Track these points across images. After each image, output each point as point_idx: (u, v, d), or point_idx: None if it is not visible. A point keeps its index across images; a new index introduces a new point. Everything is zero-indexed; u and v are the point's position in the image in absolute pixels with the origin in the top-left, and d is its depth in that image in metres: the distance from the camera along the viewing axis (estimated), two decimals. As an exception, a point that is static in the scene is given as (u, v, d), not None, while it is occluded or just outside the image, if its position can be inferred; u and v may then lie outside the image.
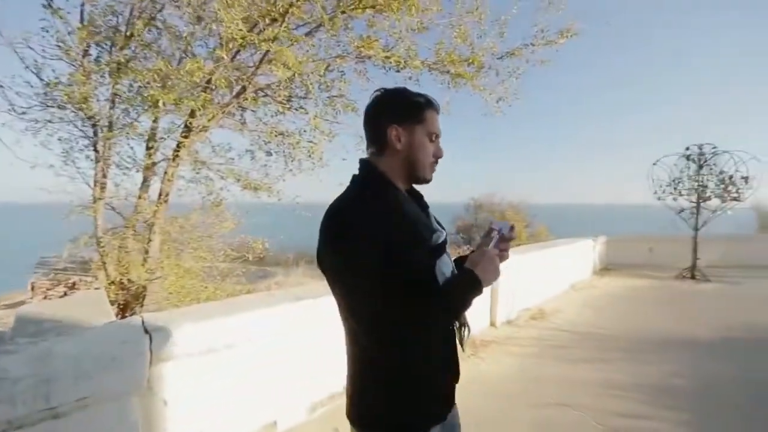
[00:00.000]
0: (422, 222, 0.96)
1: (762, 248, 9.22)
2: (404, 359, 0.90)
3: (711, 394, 2.86)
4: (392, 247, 0.83)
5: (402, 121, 0.95)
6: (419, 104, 0.96)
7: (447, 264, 0.97)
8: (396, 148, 0.95)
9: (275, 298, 2.41)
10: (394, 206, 0.91)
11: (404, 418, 0.90)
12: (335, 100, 3.94)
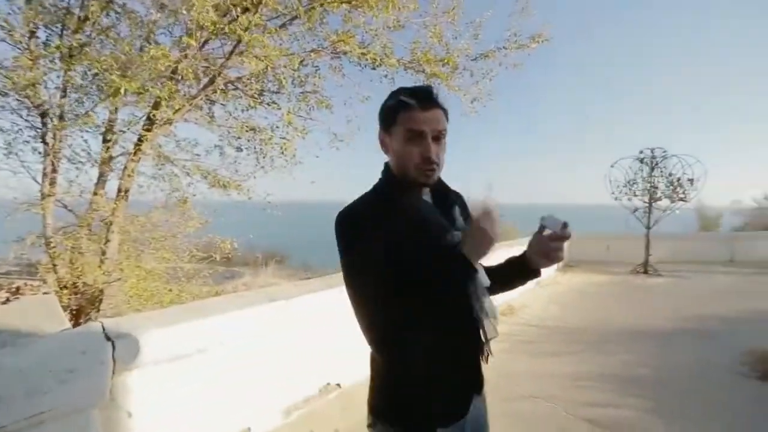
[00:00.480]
0: (435, 222, 0.95)
1: (703, 246, 10.01)
2: (405, 359, 0.91)
3: (670, 381, 3.06)
4: (393, 248, 0.85)
5: (385, 127, 0.96)
6: (392, 108, 0.93)
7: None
8: (388, 153, 0.97)
9: (248, 300, 2.31)
10: (400, 208, 0.92)
11: (407, 415, 0.93)
12: (309, 95, 3.84)
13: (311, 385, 2.65)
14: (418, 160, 0.90)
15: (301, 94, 3.85)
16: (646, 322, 4.62)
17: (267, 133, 3.78)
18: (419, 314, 0.85)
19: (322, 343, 2.71)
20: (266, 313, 2.29)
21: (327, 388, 2.74)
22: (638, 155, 8.39)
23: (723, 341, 3.85)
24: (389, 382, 0.95)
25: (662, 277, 7.45)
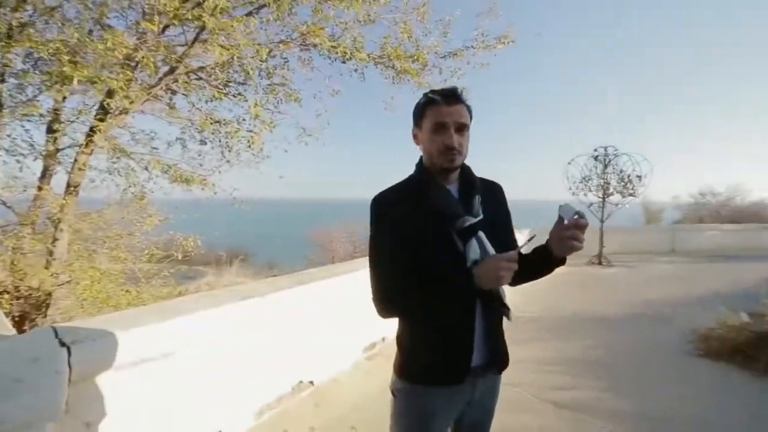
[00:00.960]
0: (448, 208, 1.04)
1: (649, 237, 10.84)
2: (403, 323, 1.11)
3: (624, 362, 3.30)
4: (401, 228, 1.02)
5: (416, 122, 1.11)
6: (420, 105, 1.08)
7: (475, 249, 1.02)
8: (420, 146, 1.13)
9: (217, 299, 2.21)
10: (413, 193, 1.07)
11: (402, 368, 1.10)
12: (277, 88, 3.71)
13: (284, 384, 2.60)
14: (441, 147, 1.03)
15: (269, 87, 3.71)
16: (601, 308, 4.94)
17: (233, 125, 3.62)
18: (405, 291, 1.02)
19: (294, 341, 2.66)
20: (236, 312, 2.21)
21: (300, 387, 2.70)
22: (593, 153, 8.92)
23: (668, 323, 4.20)
24: (398, 338, 1.13)
25: (614, 267, 7.98)
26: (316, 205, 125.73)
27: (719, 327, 3.52)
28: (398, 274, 1.02)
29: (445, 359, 1.06)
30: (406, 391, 1.09)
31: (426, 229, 1.02)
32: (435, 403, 1.07)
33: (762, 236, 10.90)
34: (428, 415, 1.08)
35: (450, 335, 1.05)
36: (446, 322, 1.05)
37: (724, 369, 3.07)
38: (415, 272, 1.01)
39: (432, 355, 1.06)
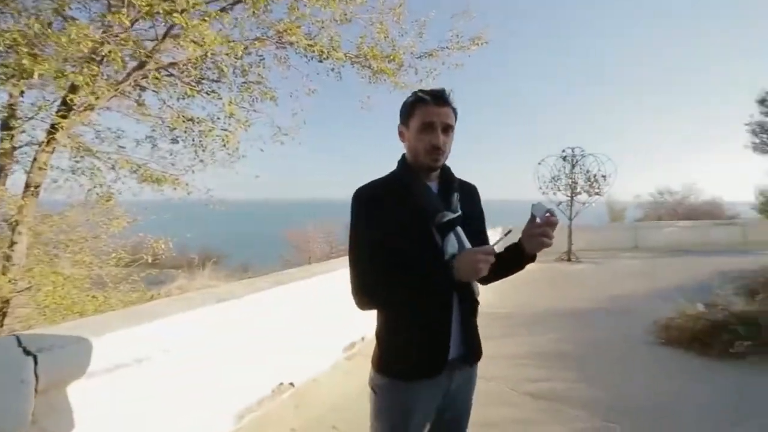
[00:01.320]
0: (428, 203, 1.08)
1: (613, 235, 11.38)
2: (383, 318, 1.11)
3: (592, 353, 3.46)
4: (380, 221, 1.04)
5: (403, 120, 1.13)
6: (409, 103, 1.10)
7: (453, 244, 1.05)
8: (404, 143, 1.15)
9: (193, 302, 2.15)
10: (396, 188, 1.09)
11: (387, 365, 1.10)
12: (252, 86, 3.62)
13: (264, 386, 2.55)
14: (428, 146, 1.06)
15: (244, 84, 3.62)
16: (570, 303, 5.14)
17: (207, 124, 3.49)
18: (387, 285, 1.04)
19: (273, 343, 2.63)
20: (213, 315, 2.16)
21: (280, 388, 2.67)
22: (561, 153, 9.28)
23: (633, 315, 4.43)
24: (377, 334, 1.13)
25: (582, 264, 8.33)
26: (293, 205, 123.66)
27: (678, 317, 3.74)
28: (379, 268, 1.03)
29: (424, 353, 1.08)
30: (386, 387, 1.09)
31: (408, 223, 1.05)
32: (415, 397, 1.08)
33: (714, 232, 11.68)
34: (409, 410, 1.09)
35: (429, 329, 1.08)
36: (426, 316, 1.07)
37: (683, 356, 3.28)
38: (396, 266, 1.02)
39: (412, 349, 1.07)
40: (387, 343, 1.10)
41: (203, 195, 3.80)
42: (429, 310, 1.06)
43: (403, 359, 1.08)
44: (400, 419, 1.09)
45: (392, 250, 1.03)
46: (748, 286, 4.97)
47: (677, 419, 2.35)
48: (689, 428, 2.26)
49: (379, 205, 1.06)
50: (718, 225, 12.26)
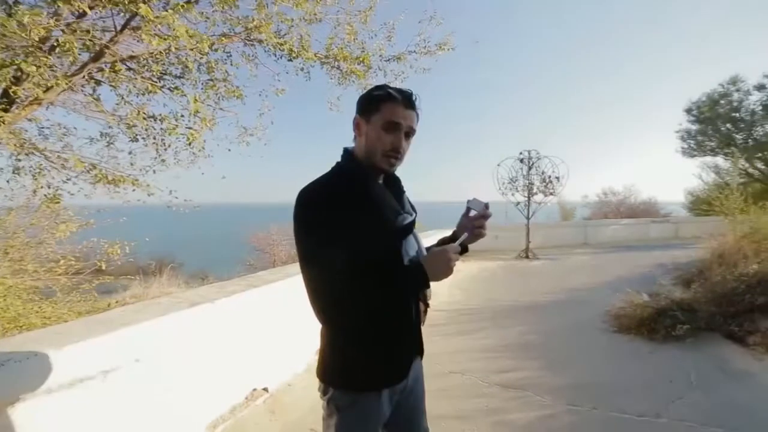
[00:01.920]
0: (388, 205, 1.04)
1: (566, 232, 12.10)
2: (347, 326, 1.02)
3: (554, 342, 3.67)
4: (347, 226, 0.93)
5: (363, 112, 1.03)
6: (377, 97, 1.01)
7: (413, 245, 1.07)
8: (359, 137, 1.05)
9: (163, 307, 2.05)
10: (356, 189, 1.00)
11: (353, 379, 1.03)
12: (218, 83, 3.47)
13: (237, 393, 2.48)
14: (388, 147, 1.01)
15: (209, 82, 3.46)
16: (531, 297, 5.42)
17: (170, 121, 3.29)
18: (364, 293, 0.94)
19: (246, 347, 2.55)
20: (185, 321, 2.07)
21: (254, 395, 2.60)
22: (518, 156, 9.74)
23: (587, 306, 4.75)
24: (337, 350, 1.03)
25: (540, 260, 8.79)
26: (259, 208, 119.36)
27: (627, 306, 4.07)
28: (348, 277, 0.92)
29: (397, 356, 1.08)
30: (353, 402, 1.03)
31: (369, 227, 0.98)
32: (383, 404, 1.06)
33: (651, 229, 12.80)
34: (378, 417, 1.07)
35: (401, 332, 1.08)
36: (398, 319, 1.07)
37: (633, 340, 3.58)
38: (364, 274, 0.93)
39: (384, 356, 1.05)
40: (354, 355, 1.03)
41: (166, 197, 3.58)
42: (399, 313, 1.06)
43: (374, 368, 1.04)
44: (374, 428, 1.06)
45: (357, 255, 0.93)
46: (682, 276, 5.51)
47: (630, 397, 2.57)
48: (641, 404, 2.47)
49: (336, 207, 0.94)
50: (654, 222, 13.43)
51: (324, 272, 0.93)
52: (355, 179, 1.02)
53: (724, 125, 16.18)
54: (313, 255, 0.95)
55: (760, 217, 5.12)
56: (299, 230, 0.95)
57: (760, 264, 3.86)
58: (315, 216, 0.94)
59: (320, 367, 1.08)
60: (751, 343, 3.19)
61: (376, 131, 1.00)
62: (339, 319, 0.99)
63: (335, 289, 0.93)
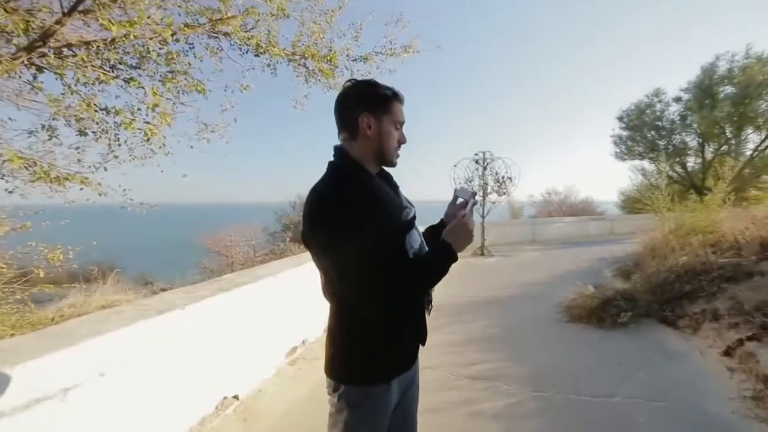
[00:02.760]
0: (393, 202, 1.08)
1: (516, 230, 12.81)
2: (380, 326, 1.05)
3: (514, 334, 3.89)
4: (370, 226, 0.95)
5: (372, 110, 1.04)
6: (387, 96, 1.06)
7: (416, 239, 1.10)
8: (366, 134, 1.05)
9: (131, 315, 1.90)
10: (368, 190, 1.03)
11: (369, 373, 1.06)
12: (178, 76, 3.23)
13: (207, 403, 2.36)
14: (396, 144, 1.10)
15: (169, 74, 3.21)
16: (490, 292, 5.69)
17: (125, 115, 3.00)
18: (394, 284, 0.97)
19: (215, 354, 2.44)
20: (152, 329, 1.93)
21: (224, 403, 2.49)
22: (474, 156, 10.15)
23: (542, 299, 5.08)
24: (349, 345, 1.06)
25: (495, 257, 9.23)
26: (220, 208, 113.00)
27: (577, 298, 4.42)
28: (395, 265, 0.97)
29: (410, 344, 1.13)
30: (366, 395, 1.05)
31: (385, 221, 1.01)
32: (392, 395, 1.09)
33: (591, 226, 13.94)
34: (389, 409, 1.09)
35: (416, 319, 1.13)
36: (415, 307, 1.12)
37: (584, 329, 3.90)
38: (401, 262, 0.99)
39: (400, 344, 1.09)
40: (368, 347, 1.05)
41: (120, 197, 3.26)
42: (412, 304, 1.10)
43: (386, 360, 1.07)
44: (384, 421, 1.09)
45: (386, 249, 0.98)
46: (621, 269, 6.08)
47: (587, 380, 2.80)
48: (596, 386, 2.70)
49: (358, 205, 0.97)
50: (593, 220, 14.65)
51: (371, 267, 0.94)
52: (360, 178, 1.04)
53: (649, 132, 18.04)
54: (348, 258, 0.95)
55: (683, 215, 5.79)
56: (328, 236, 0.96)
57: (686, 256, 4.37)
58: (336, 217, 0.94)
59: (330, 365, 1.09)
60: (681, 325, 3.61)
61: (389, 130, 1.06)
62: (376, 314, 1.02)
63: (389, 279, 0.96)
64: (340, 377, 1.07)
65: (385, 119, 1.05)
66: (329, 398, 1.09)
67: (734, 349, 2.88)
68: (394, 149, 1.09)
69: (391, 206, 1.06)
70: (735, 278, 3.72)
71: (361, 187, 1.02)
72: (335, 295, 1.07)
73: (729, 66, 15.58)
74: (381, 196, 1.05)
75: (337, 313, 1.08)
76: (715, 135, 16.17)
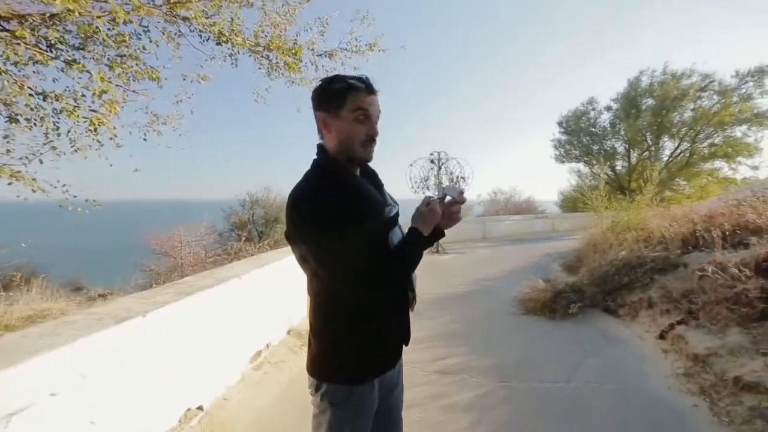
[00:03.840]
0: (376, 199, 1.07)
1: (468, 228, 13.34)
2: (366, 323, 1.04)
3: (475, 328, 4.06)
4: (352, 223, 0.95)
5: (327, 108, 1.01)
6: (340, 90, 1.00)
7: (397, 235, 1.10)
8: (329, 133, 1.03)
9: (82, 327, 1.70)
10: (348, 185, 1.03)
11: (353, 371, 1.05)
12: (129, 61, 2.88)
13: (170, 416, 2.19)
14: (363, 138, 1.02)
15: (119, 58, 2.85)
16: (449, 289, 5.87)
17: (67, 102, 2.60)
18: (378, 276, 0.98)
19: (177, 363, 2.27)
20: (113, 340, 1.75)
21: (188, 415, 2.32)
22: (429, 156, 10.40)
23: (497, 294, 5.34)
24: (333, 343, 1.05)
25: (449, 254, 9.54)
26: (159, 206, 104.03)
27: (530, 291, 4.71)
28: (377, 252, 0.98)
29: (389, 345, 1.12)
30: (350, 395, 1.03)
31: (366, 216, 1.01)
32: (375, 394, 1.08)
33: (536, 223, 14.91)
34: (372, 409, 1.08)
35: (401, 313, 1.13)
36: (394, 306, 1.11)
37: (539, 320, 4.17)
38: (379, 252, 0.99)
39: (386, 339, 1.09)
40: (352, 344, 1.04)
41: (59, 194, 2.84)
42: (395, 300, 1.10)
43: (370, 358, 1.06)
44: (367, 421, 1.08)
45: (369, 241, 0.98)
46: (566, 264, 6.57)
47: (545, 368, 3.00)
48: (554, 373, 2.91)
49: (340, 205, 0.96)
50: (537, 218, 15.69)
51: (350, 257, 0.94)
52: (339, 176, 1.03)
53: (584, 137, 19.68)
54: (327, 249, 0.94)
55: (619, 213, 6.40)
56: (309, 230, 0.95)
57: (625, 251, 4.83)
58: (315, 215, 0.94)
59: (313, 364, 1.08)
60: (622, 314, 4.00)
61: (349, 124, 1.00)
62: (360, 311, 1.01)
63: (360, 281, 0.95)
64: (322, 375, 1.05)
65: (342, 114, 1.00)
66: (312, 398, 1.07)
67: (667, 333, 3.24)
68: (359, 144, 1.02)
69: (373, 202, 1.05)
70: (664, 270, 4.18)
71: (340, 183, 1.01)
72: (319, 292, 1.05)
73: (650, 81, 17.49)
74: (361, 192, 1.04)
75: (321, 310, 1.06)
76: (638, 142, 18.05)
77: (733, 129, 15.96)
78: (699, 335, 2.97)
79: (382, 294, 1.02)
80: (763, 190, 5.77)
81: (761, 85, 15.04)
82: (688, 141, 16.93)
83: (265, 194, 17.50)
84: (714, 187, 16.14)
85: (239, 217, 16.90)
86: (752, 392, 2.30)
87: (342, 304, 1.02)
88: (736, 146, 15.83)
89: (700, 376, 2.64)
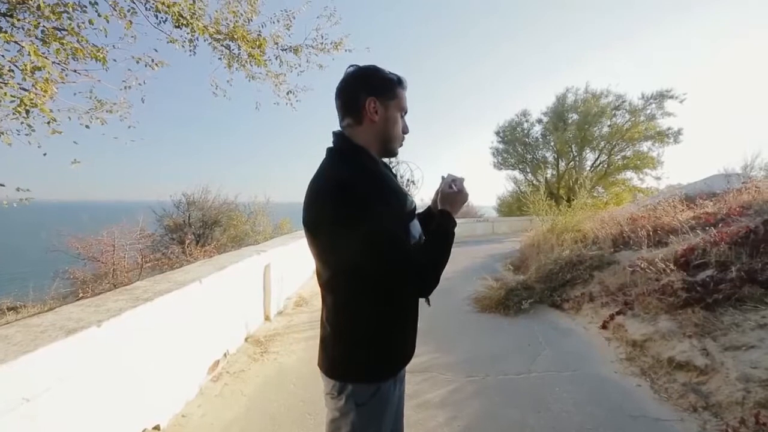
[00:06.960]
0: (399, 190, 1.06)
1: (416, 230, 13.68)
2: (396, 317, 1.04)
3: (437, 326, 4.15)
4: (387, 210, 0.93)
5: (379, 95, 0.99)
6: (393, 81, 1.01)
7: (417, 227, 1.11)
8: (373, 120, 1.00)
9: (23, 341, 1.44)
10: (379, 178, 1.00)
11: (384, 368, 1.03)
12: (68, 36, 2.44)
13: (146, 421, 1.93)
14: (401, 134, 1.06)
15: (57, 31, 2.41)
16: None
17: None
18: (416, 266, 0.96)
19: (132, 378, 2.02)
20: (61, 355, 1.50)
21: (144, 435, 2.08)
22: (381, 160, 10.50)
23: (452, 293, 5.52)
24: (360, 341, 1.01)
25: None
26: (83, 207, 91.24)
27: (484, 290, 4.95)
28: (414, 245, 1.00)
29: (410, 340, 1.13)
30: (376, 392, 1.01)
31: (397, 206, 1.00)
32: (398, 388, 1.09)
33: (478, 227, 15.74)
34: (395, 404, 1.08)
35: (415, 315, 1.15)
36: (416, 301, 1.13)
37: (494, 317, 4.39)
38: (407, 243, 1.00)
39: (407, 336, 1.10)
40: (377, 340, 1.01)
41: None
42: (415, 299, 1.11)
43: (396, 353, 1.07)
44: (390, 417, 1.06)
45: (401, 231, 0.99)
46: (512, 263, 7.01)
47: (507, 362, 3.17)
48: (516, 365, 3.08)
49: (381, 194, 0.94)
50: (478, 221, 16.56)
51: (395, 249, 0.92)
52: (370, 165, 1.00)
53: (519, 146, 21.22)
54: (372, 238, 0.89)
55: (557, 216, 6.99)
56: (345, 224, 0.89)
57: (567, 251, 5.29)
58: (361, 200, 0.89)
59: (336, 366, 1.03)
60: (567, 308, 4.36)
61: (395, 117, 1.02)
62: (433, 285, 0.99)
63: (419, 258, 0.96)
64: (348, 377, 1.01)
65: (392, 105, 1.01)
66: (330, 402, 1.02)
67: (608, 323, 3.60)
68: (399, 137, 1.06)
69: (399, 193, 1.05)
70: (600, 267, 4.65)
71: (374, 175, 0.99)
72: (345, 289, 1.00)
73: (575, 97, 19.42)
74: (391, 184, 1.04)
75: (348, 309, 1.01)
76: (566, 152, 19.90)
77: (641, 144, 18.32)
78: (635, 323, 3.34)
79: (437, 284, 1.00)
80: (671, 196, 6.68)
81: (661, 107, 17.50)
82: (606, 153, 19.06)
83: (203, 195, 16.23)
84: (626, 195, 18.35)
85: (173, 220, 15.50)
86: (683, 370, 2.63)
87: (372, 300, 0.97)
88: (644, 159, 18.19)
89: (640, 359, 2.96)
